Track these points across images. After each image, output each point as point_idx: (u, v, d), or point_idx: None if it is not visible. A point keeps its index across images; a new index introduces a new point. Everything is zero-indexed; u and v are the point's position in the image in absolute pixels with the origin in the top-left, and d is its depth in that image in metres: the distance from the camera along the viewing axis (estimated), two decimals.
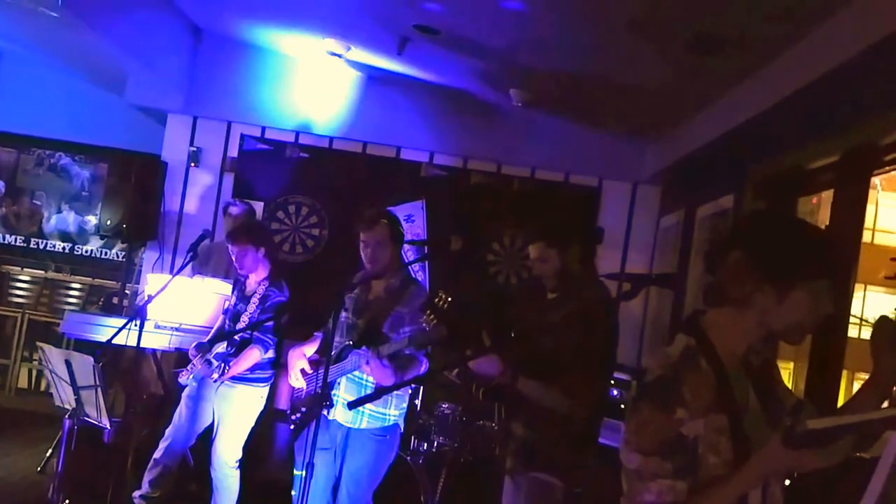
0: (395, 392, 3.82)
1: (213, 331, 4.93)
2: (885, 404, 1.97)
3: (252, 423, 4.69)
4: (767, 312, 1.79)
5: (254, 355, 4.53)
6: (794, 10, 3.89)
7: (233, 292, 4.83)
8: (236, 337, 4.58)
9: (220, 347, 4.59)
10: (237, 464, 4.65)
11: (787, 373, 4.75)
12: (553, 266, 3.39)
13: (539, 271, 3.47)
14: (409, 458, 4.88)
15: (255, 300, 4.61)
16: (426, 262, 6.90)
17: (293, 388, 4.13)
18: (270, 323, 4.53)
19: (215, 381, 4.54)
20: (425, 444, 5.21)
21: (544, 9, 4.70)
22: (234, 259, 4.66)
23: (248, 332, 4.53)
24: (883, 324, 1.95)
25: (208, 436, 4.70)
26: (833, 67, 3.77)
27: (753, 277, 1.78)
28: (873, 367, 1.96)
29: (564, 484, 3.24)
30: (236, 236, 4.69)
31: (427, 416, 5.33)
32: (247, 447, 4.74)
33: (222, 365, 4.51)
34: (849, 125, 3.81)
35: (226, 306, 4.92)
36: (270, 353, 4.64)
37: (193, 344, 4.74)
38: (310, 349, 4.12)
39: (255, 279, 4.69)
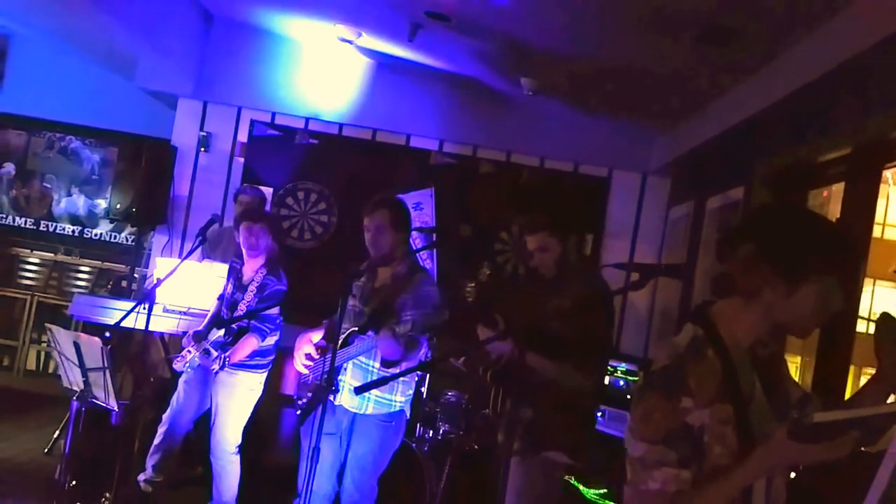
0: (402, 378, 3.83)
1: (207, 318, 4.92)
2: (892, 398, 1.97)
3: (251, 410, 4.69)
4: (775, 306, 1.80)
5: (251, 343, 4.52)
6: (807, 1, 3.86)
7: (228, 280, 4.82)
8: (234, 325, 4.59)
9: (217, 335, 4.59)
10: (237, 449, 4.65)
11: (794, 367, 4.73)
12: (553, 255, 3.50)
13: (540, 261, 3.55)
14: (414, 444, 4.90)
15: (252, 288, 4.60)
16: (434, 250, 6.90)
17: (300, 373, 4.14)
18: (268, 311, 4.53)
19: (216, 372, 4.54)
20: (431, 432, 5.23)
21: None
22: (243, 239, 4.64)
23: (246, 320, 4.53)
24: (885, 321, 1.95)
25: (209, 421, 4.71)
26: (845, 60, 3.75)
27: (763, 271, 1.79)
28: (878, 364, 1.96)
29: (572, 461, 3.39)
30: (251, 215, 4.69)
31: (433, 404, 5.34)
32: (253, 432, 4.75)
33: (222, 355, 4.51)
34: (860, 119, 3.79)
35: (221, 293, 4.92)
36: (269, 341, 4.64)
37: (190, 332, 4.74)
38: (317, 336, 4.13)
39: (253, 267, 4.68)
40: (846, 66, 3.77)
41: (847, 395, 3.78)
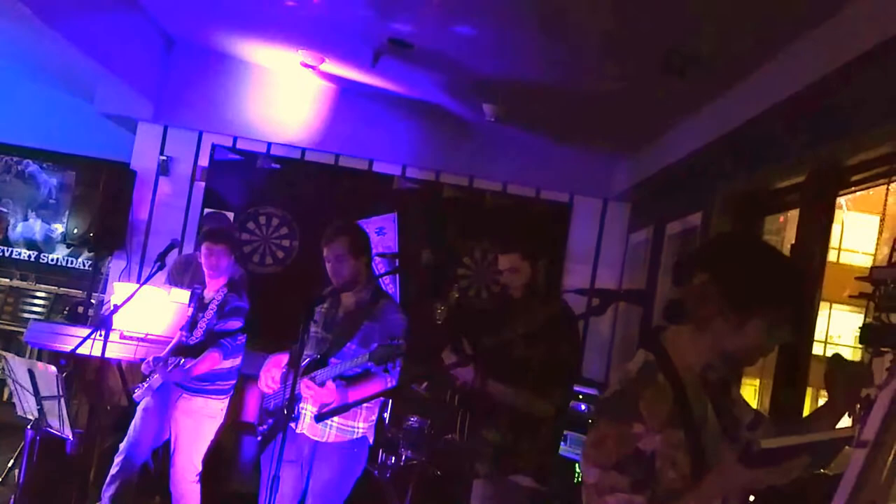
0: (364, 405, 3.81)
1: (169, 345, 4.83)
2: (847, 421, 2.01)
3: (211, 437, 4.61)
4: (725, 335, 1.82)
5: (212, 359, 4.45)
6: (765, 29, 3.94)
7: (190, 303, 4.77)
8: (192, 342, 4.53)
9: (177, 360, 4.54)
10: (197, 477, 4.56)
11: (752, 389, 4.79)
12: (523, 277, 3.57)
13: (508, 282, 3.62)
14: (376, 471, 4.86)
15: (212, 306, 4.56)
16: (397, 275, 6.89)
17: (261, 400, 4.10)
18: (229, 328, 4.48)
19: (164, 379, 4.46)
20: (393, 458, 5.19)
21: (518, 25, 4.73)
22: (204, 259, 4.59)
23: (207, 339, 4.48)
24: (836, 362, 2.00)
25: (169, 450, 4.62)
26: (802, 87, 3.83)
27: (716, 302, 1.80)
28: (828, 398, 2.01)
29: (538, 485, 3.42)
30: (213, 237, 4.64)
31: (395, 430, 5.31)
32: (213, 459, 4.68)
33: (174, 363, 4.45)
34: (816, 145, 3.87)
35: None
36: (231, 362, 4.58)
37: (149, 358, 4.67)
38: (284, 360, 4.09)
39: (214, 287, 4.64)
40: (802, 93, 3.85)
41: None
